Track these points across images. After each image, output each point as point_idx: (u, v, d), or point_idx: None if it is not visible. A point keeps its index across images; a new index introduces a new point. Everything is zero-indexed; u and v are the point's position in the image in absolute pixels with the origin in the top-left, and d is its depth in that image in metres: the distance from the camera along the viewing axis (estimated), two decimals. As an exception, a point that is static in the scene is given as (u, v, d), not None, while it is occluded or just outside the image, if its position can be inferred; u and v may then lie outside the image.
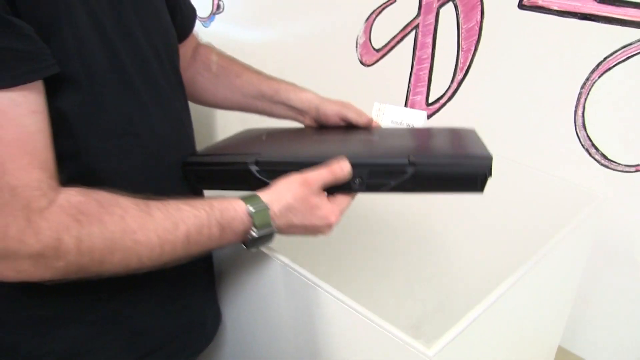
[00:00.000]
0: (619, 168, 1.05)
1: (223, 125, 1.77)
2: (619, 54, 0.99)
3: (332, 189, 0.68)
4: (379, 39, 1.36)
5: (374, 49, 1.38)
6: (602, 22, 0.99)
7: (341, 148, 0.75)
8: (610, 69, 1.01)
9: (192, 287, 0.80)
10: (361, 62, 1.42)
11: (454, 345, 0.62)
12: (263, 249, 0.73)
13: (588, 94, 1.05)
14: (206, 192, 0.75)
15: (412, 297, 0.73)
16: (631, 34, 0.97)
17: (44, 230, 0.49)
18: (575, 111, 1.08)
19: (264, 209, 0.63)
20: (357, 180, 0.67)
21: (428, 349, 0.58)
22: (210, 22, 1.77)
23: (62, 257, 0.51)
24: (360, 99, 0.91)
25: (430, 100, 1.30)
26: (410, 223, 0.92)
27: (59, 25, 0.53)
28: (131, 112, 0.64)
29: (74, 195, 0.52)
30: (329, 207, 0.67)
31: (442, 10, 1.22)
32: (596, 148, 1.07)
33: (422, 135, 0.84)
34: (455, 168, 0.66)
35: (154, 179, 0.69)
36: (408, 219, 0.93)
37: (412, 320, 0.67)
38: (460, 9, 1.18)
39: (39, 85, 0.51)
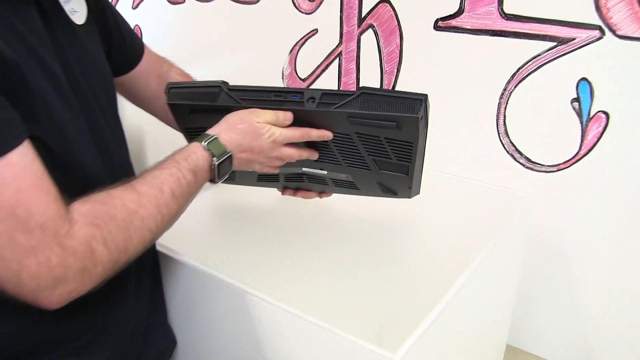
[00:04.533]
0: (543, 169, 1.14)
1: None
2: (530, 64, 1.08)
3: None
4: (304, 69, 1.40)
5: (300, 78, 1.41)
6: (511, 37, 1.08)
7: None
8: (524, 78, 1.10)
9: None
10: (288, 93, 1.45)
11: (417, 348, 0.68)
12: (217, 272, 0.78)
13: (507, 103, 1.13)
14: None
15: (366, 306, 0.77)
16: (539, 45, 1.06)
17: (77, 248, 0.55)
18: (497, 120, 1.16)
19: (214, 139, 0.72)
20: (310, 101, 0.78)
21: (393, 353, 0.65)
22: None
23: (98, 262, 0.57)
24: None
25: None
26: (356, 237, 0.96)
27: (25, 91, 0.58)
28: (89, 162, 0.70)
29: (81, 206, 0.58)
30: (273, 128, 0.77)
31: (362, 37, 1.27)
32: (520, 152, 1.15)
33: None
34: (397, 93, 0.76)
35: None
36: (354, 233, 0.97)
37: (369, 329, 0.72)
38: (380, 34, 1.24)
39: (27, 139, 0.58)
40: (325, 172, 0.91)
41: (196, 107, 0.83)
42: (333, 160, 0.87)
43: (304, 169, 0.90)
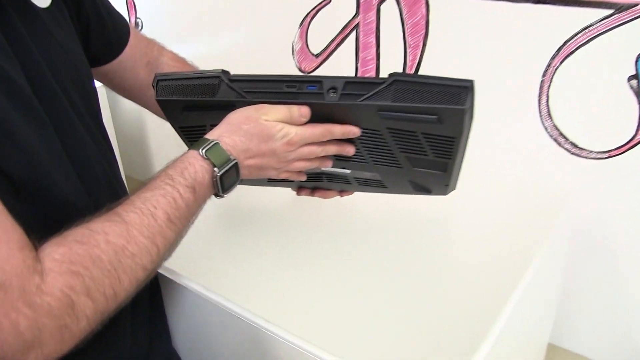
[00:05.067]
0: (591, 156, 1.00)
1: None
2: (580, 37, 0.93)
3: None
4: (317, 44, 1.25)
5: (312, 54, 1.27)
6: (558, 5, 0.93)
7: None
8: (571, 53, 0.95)
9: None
10: (300, 70, 1.31)
11: None
12: (224, 300, 0.66)
13: (551, 81, 0.99)
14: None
15: (403, 345, 0.65)
16: (591, 14, 0.91)
17: (52, 304, 0.45)
18: (539, 100, 1.01)
19: (214, 144, 0.60)
20: (331, 92, 0.64)
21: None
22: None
23: (81, 317, 0.48)
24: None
25: (380, 103, 1.21)
26: (385, 248, 0.85)
27: None
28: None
29: (54, 250, 0.48)
30: (287, 126, 0.63)
31: (382, 7, 1.12)
32: (565, 137, 1.01)
33: None
34: (437, 80, 0.62)
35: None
36: (382, 243, 0.86)
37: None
38: (402, 3, 1.09)
39: None
40: (348, 172, 0.78)
41: (191, 103, 0.69)
42: (358, 157, 0.74)
43: (323, 167, 0.77)
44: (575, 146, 1.01)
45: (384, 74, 1.18)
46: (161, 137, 1.75)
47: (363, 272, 0.78)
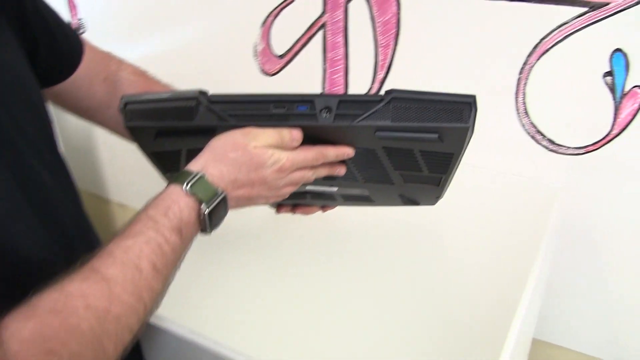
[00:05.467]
0: (568, 151, 1.00)
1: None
2: (556, 34, 0.93)
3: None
4: (281, 44, 1.20)
5: (275, 55, 1.21)
6: (534, 2, 0.92)
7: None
8: (548, 50, 0.94)
9: None
10: (263, 72, 1.25)
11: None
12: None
13: (527, 78, 0.98)
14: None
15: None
16: (567, 11, 0.90)
17: None
18: (516, 98, 1.00)
19: (199, 178, 0.54)
20: (324, 112, 0.58)
21: None
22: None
23: None
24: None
25: (349, 103, 1.17)
26: (377, 265, 0.82)
27: None
28: None
29: (21, 326, 0.39)
30: (277, 152, 0.58)
31: (350, 5, 1.08)
32: (542, 134, 1.01)
33: None
34: (436, 96, 0.59)
35: None
36: (374, 260, 0.83)
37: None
38: (372, 1, 1.05)
39: None
40: (335, 189, 0.74)
41: (166, 128, 0.62)
42: (347, 175, 0.70)
43: (308, 187, 0.73)
44: (553, 142, 1.01)
45: (353, 74, 1.14)
46: (111, 144, 1.65)
47: (359, 297, 0.74)
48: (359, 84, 1.14)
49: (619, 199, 0.99)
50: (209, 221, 0.54)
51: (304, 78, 1.20)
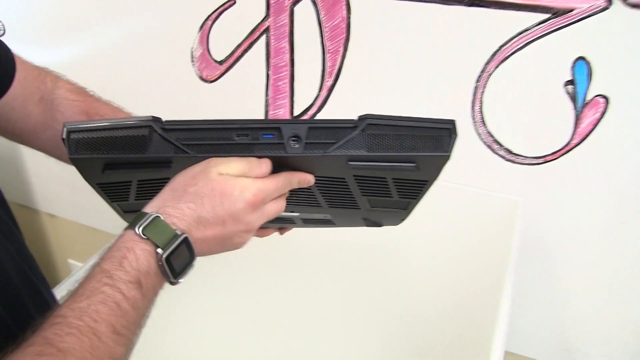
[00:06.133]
0: (526, 161, 0.97)
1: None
2: (516, 41, 0.88)
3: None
4: (221, 50, 1.10)
5: (215, 61, 1.11)
6: (493, 8, 0.87)
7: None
8: (507, 58, 0.90)
9: None
10: (202, 79, 1.15)
11: None
12: None
13: (485, 87, 0.93)
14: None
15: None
16: (528, 18, 0.86)
17: None
18: (473, 107, 0.96)
19: (153, 219, 0.48)
20: (292, 141, 0.53)
21: None
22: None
23: None
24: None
25: (296, 112, 1.09)
26: (348, 290, 0.75)
27: None
28: None
29: None
30: (244, 180, 0.51)
31: (296, 9, 0.99)
32: (499, 144, 0.97)
33: None
34: (413, 122, 0.55)
35: None
36: (346, 288, 0.76)
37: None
38: (320, 5, 0.97)
39: None
40: (296, 214, 0.68)
41: (115, 160, 0.54)
42: (311, 201, 0.64)
43: None
44: (510, 152, 0.97)
45: (299, 81, 1.06)
46: (36, 153, 1.50)
47: (321, 328, 0.68)
48: (306, 92, 1.07)
49: (578, 210, 0.97)
50: (168, 268, 0.47)
51: (246, 85, 1.11)
